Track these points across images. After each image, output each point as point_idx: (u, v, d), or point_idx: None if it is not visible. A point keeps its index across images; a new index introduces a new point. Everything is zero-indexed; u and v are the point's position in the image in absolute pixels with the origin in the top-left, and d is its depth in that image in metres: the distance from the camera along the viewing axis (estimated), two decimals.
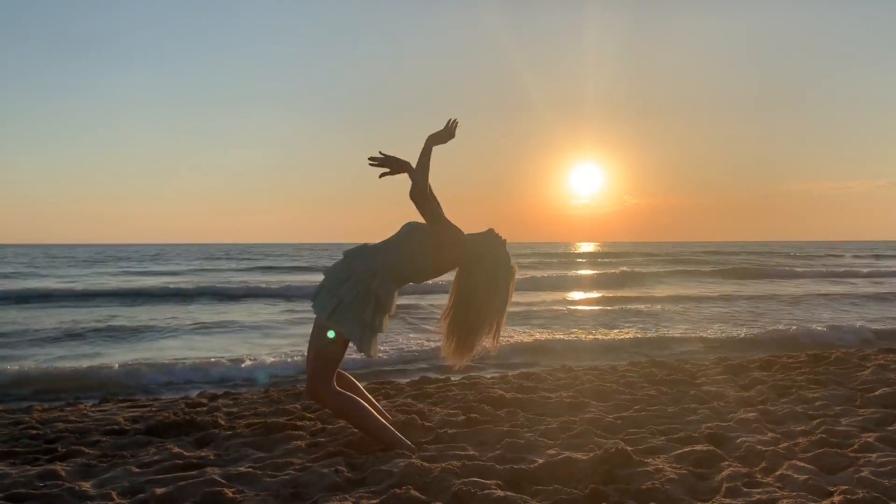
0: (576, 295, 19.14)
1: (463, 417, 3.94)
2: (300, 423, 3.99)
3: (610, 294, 18.92)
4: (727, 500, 2.50)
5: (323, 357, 3.32)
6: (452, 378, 5.70)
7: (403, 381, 5.78)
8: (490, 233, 3.41)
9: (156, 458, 3.37)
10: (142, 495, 2.81)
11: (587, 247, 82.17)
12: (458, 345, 3.33)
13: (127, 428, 4.04)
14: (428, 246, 3.32)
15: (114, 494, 2.84)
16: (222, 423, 4.09)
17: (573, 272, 28.86)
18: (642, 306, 14.72)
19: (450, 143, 3.50)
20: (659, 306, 14.79)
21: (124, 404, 4.93)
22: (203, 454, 3.42)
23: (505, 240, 3.42)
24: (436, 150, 3.42)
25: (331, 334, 3.27)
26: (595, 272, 28.40)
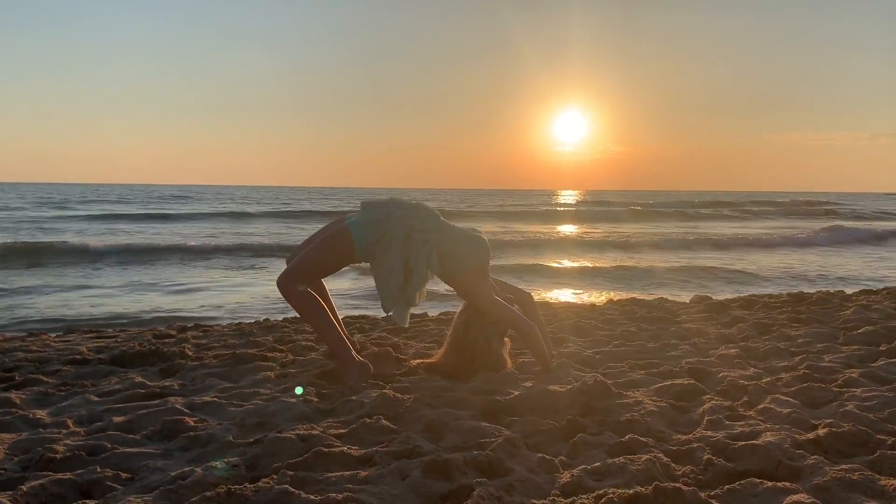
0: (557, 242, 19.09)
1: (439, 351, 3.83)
2: (270, 354, 3.86)
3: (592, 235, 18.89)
4: (708, 433, 2.41)
5: (318, 258, 3.21)
6: (429, 313, 5.58)
7: (380, 315, 5.64)
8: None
9: (117, 387, 3.23)
10: (99, 423, 2.68)
11: (569, 196, 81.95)
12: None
13: (90, 358, 3.88)
14: (474, 275, 3.29)
15: (69, 422, 2.70)
16: (189, 353, 3.95)
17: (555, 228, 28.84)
18: (631, 260, 14.69)
19: (428, 86, 3.35)
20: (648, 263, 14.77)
21: (89, 335, 4.77)
22: (167, 384, 3.29)
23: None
24: (414, 96, 3.26)
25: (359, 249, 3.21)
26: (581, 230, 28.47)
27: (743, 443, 2.23)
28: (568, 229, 23.54)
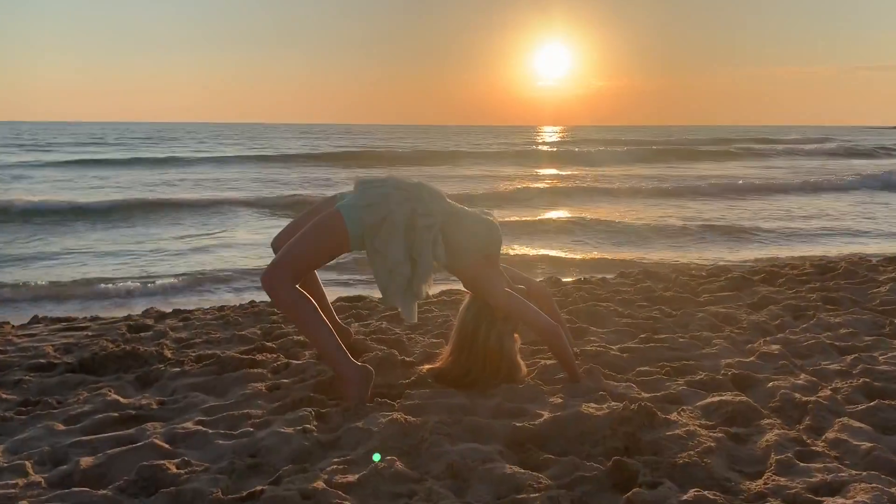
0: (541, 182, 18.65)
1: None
2: (259, 357, 3.45)
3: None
4: (782, 481, 2.06)
5: (306, 250, 2.79)
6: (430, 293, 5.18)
7: (377, 296, 5.24)
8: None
9: (86, 407, 2.83)
10: (64, 467, 2.28)
11: (555, 134, 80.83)
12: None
13: (56, 361, 3.47)
14: (483, 264, 2.92)
15: (29, 466, 2.30)
16: (169, 354, 3.54)
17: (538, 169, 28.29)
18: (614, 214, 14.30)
19: (405, 16, 2.87)
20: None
21: (57, 326, 4.32)
22: (144, 402, 2.88)
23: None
24: (392, 29, 2.80)
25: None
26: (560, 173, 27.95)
27: (831, 501, 1.89)
28: (560, 174, 22.97)
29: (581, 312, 4.10)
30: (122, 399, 2.93)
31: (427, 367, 3.12)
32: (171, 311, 4.69)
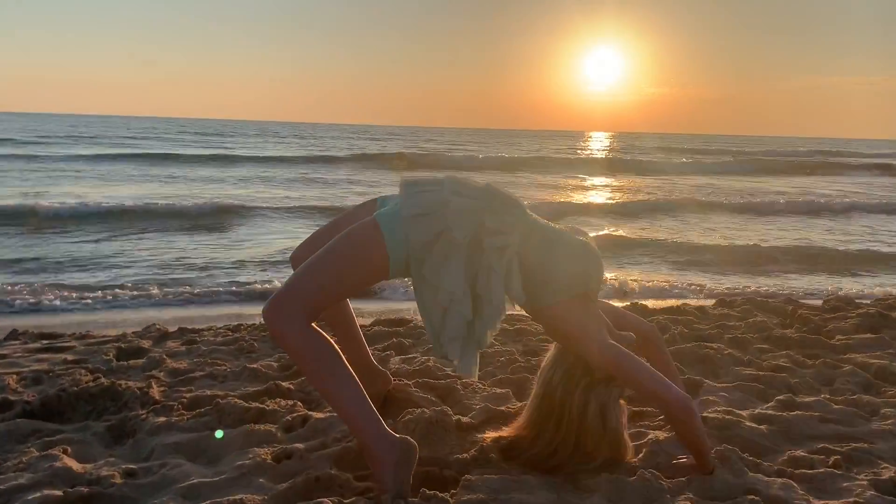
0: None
1: (519, 404, 2.59)
2: (270, 404, 2.64)
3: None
4: None
5: (329, 275, 1.95)
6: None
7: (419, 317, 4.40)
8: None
9: (23, 479, 2.04)
10: None
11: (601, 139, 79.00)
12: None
13: (13, 399, 2.70)
14: (575, 307, 2.05)
15: None
16: (156, 395, 2.76)
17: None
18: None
19: (454, 22, 1.98)
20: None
21: (35, 345, 3.57)
22: (104, 473, 2.09)
23: None
24: (438, 33, 1.90)
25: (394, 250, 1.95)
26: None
27: None
28: (628, 183, 21.58)
29: (686, 357, 3.19)
30: (75, 466, 2.14)
31: (493, 434, 2.27)
32: (175, 329, 3.90)
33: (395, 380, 2.72)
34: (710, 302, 4.76)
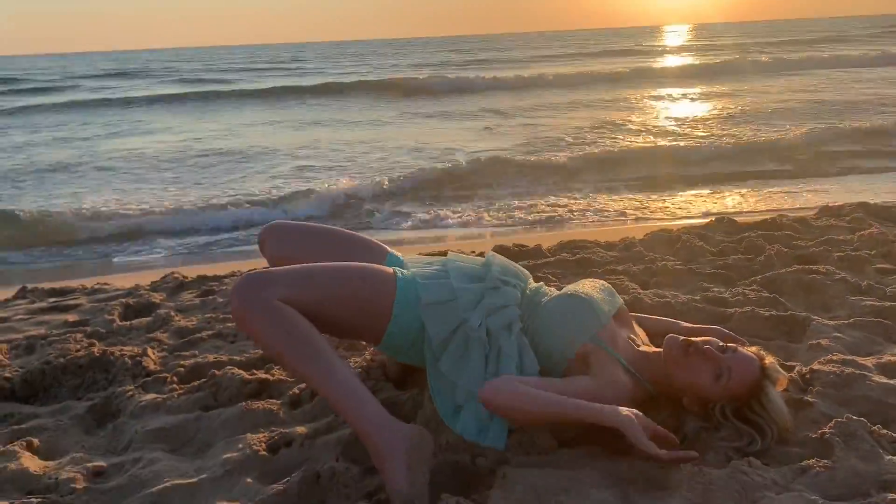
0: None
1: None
2: (276, 372, 2.24)
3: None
4: None
5: (331, 287, 1.73)
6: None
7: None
8: None
9: None
10: None
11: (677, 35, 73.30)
12: None
13: None
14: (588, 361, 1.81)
15: None
16: (150, 363, 2.39)
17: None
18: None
19: None
20: None
21: (41, 304, 3.25)
22: (65, 476, 1.73)
23: None
24: None
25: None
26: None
27: None
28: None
29: (788, 285, 2.58)
30: (34, 467, 1.78)
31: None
32: (195, 277, 3.52)
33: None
34: (811, 212, 4.03)
